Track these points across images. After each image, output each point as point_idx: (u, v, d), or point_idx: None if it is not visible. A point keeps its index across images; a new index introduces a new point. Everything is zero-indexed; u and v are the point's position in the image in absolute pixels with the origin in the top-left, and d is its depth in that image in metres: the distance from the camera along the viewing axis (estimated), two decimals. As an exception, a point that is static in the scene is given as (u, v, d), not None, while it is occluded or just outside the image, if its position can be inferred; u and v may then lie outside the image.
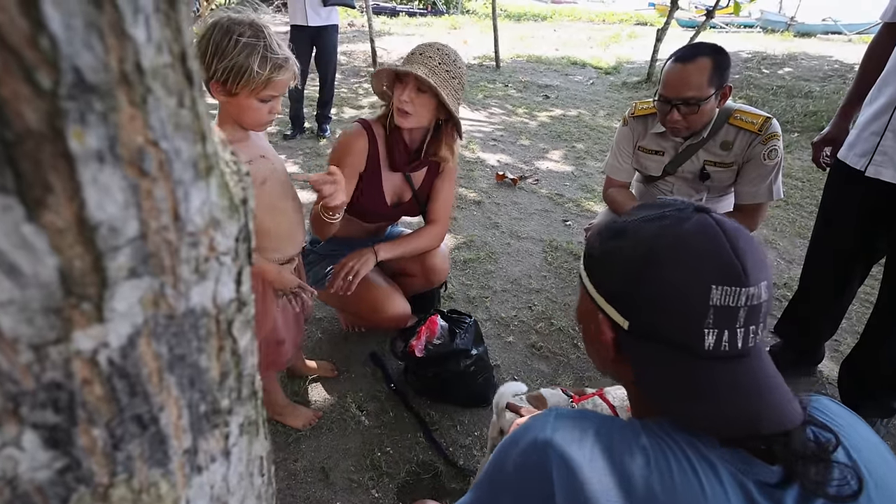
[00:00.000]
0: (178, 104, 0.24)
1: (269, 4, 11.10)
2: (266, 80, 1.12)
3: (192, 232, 0.26)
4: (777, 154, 1.79)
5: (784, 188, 3.66)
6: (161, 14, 0.23)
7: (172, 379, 0.28)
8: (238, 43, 1.08)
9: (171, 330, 0.27)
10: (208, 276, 0.28)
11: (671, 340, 0.58)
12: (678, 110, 1.73)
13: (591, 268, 0.67)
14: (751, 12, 14.08)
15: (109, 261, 0.23)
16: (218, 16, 1.13)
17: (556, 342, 2.11)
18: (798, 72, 7.43)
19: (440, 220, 1.84)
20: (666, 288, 0.58)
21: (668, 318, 0.58)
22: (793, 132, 5.00)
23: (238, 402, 0.35)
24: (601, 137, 4.81)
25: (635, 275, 0.60)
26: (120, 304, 0.24)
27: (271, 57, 1.11)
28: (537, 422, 0.63)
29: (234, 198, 0.31)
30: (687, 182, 2.02)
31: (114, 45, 0.20)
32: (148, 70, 0.22)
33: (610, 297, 0.63)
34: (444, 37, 11.12)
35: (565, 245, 2.86)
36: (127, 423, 0.27)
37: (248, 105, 1.15)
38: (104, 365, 0.25)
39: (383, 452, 1.60)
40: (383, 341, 2.03)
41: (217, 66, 1.09)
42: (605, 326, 0.64)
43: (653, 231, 0.60)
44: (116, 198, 0.22)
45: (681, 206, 0.62)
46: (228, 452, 0.35)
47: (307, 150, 4.25)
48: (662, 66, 1.82)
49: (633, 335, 0.61)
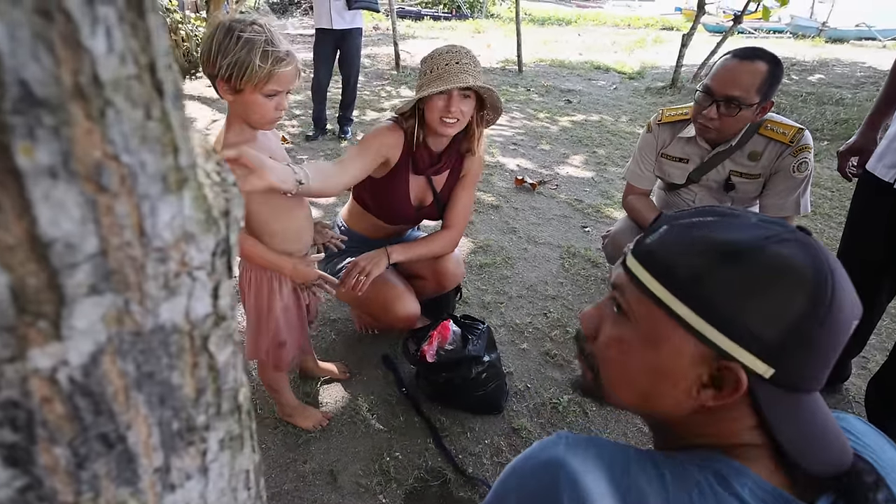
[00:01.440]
0: (144, 116, 0.23)
1: (297, 8, 11.28)
2: (268, 74, 1.14)
3: (160, 247, 0.25)
4: (807, 167, 1.74)
5: (812, 198, 3.58)
6: (126, 24, 0.22)
7: (140, 397, 0.27)
8: (239, 39, 1.11)
9: (137, 347, 0.26)
10: (179, 292, 0.27)
11: (802, 385, 0.51)
12: (717, 107, 1.69)
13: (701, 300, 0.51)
14: (780, 17, 13.78)
15: (66, 278, 0.22)
16: (218, 20, 1.17)
17: (570, 351, 2.08)
18: (829, 78, 7.24)
19: (456, 225, 1.83)
20: (834, 336, 0.49)
21: (818, 366, 0.50)
22: (822, 140, 4.87)
23: (217, 417, 0.34)
24: (623, 143, 4.75)
25: (800, 318, 0.48)
26: (80, 322, 0.23)
27: (272, 51, 1.13)
28: (547, 443, 0.56)
29: (213, 210, 0.30)
30: (711, 192, 1.98)
31: (66, 58, 0.19)
32: (108, 82, 0.21)
33: (749, 342, 0.49)
34: (468, 41, 11.13)
35: (583, 252, 2.82)
36: (91, 442, 0.26)
37: (254, 101, 1.17)
38: (64, 383, 0.24)
39: (392, 457, 1.59)
40: (396, 344, 2.02)
41: (221, 62, 1.12)
42: (738, 371, 0.50)
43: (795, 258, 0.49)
44: (72, 214, 0.21)
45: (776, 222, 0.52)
46: (206, 469, 0.34)
47: (328, 151, 4.28)
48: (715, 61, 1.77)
49: (772, 383, 0.50)
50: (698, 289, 0.50)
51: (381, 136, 1.65)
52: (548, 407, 1.80)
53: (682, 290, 0.51)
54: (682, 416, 0.57)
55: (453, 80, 1.52)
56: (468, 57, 1.57)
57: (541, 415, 1.77)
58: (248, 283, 1.40)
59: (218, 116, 5.06)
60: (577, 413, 1.78)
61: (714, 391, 0.52)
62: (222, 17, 1.14)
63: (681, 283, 0.51)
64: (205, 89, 6.06)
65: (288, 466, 1.55)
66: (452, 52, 1.57)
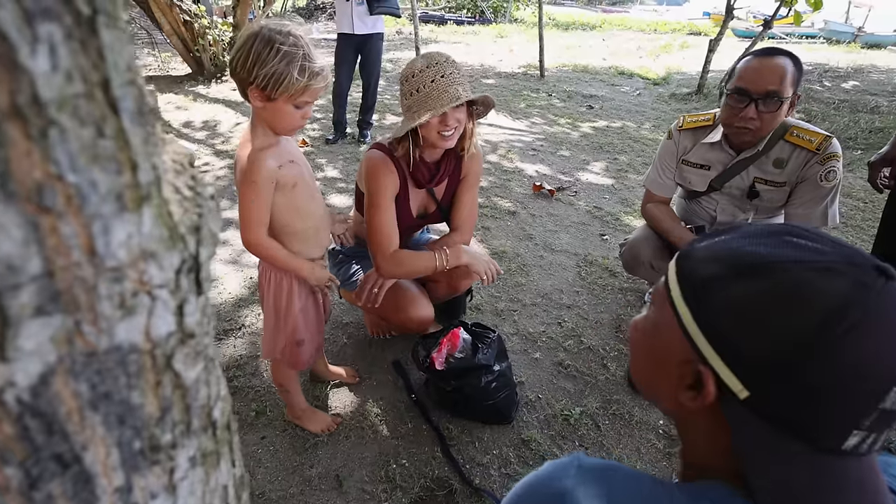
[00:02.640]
0: (96, 134, 0.23)
1: (323, 12, 11.44)
2: (304, 87, 1.18)
3: (115, 267, 0.25)
4: (835, 176, 1.68)
5: (843, 209, 3.47)
6: (75, 41, 0.22)
7: (97, 417, 0.27)
8: (279, 51, 1.14)
9: (92, 367, 0.26)
10: (137, 312, 0.27)
11: (800, 430, 0.46)
12: (756, 107, 1.65)
13: (700, 304, 0.51)
14: (813, 22, 13.46)
15: (10, 299, 0.22)
16: (256, 26, 1.18)
17: (584, 361, 2.05)
18: (864, 85, 7.04)
19: (462, 228, 1.83)
20: (834, 380, 0.44)
21: (814, 409, 0.45)
22: (856, 149, 4.73)
23: (186, 435, 0.34)
24: (645, 150, 4.68)
25: (793, 348, 0.45)
26: (27, 343, 0.23)
27: (309, 65, 1.17)
28: (558, 471, 0.54)
29: (179, 226, 0.30)
30: (733, 200, 1.93)
31: (1, 79, 0.19)
32: (50, 101, 0.21)
33: (731, 357, 0.48)
34: (490, 45, 11.13)
35: (601, 260, 2.78)
36: (45, 462, 0.26)
37: (285, 110, 1.21)
38: (12, 404, 0.24)
39: (399, 464, 1.58)
40: (407, 349, 2.01)
41: (258, 72, 1.15)
42: (708, 380, 0.49)
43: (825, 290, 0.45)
44: (13, 235, 0.21)
45: (854, 259, 0.46)
46: (175, 487, 0.34)
47: (347, 154, 4.31)
48: (734, 67, 1.74)
49: (747, 407, 0.47)
50: (701, 293, 0.51)
51: (385, 177, 1.63)
52: (559, 419, 1.77)
53: (689, 290, 0.52)
54: (681, 420, 0.58)
55: (445, 99, 1.48)
56: (450, 65, 1.52)
57: (551, 427, 1.75)
58: (268, 283, 1.43)
59: (241, 120, 5.14)
60: (588, 426, 1.75)
61: (694, 393, 0.52)
62: (258, 25, 1.15)
63: (691, 284, 0.52)
64: (230, 93, 6.17)
65: (295, 470, 1.56)
66: (434, 66, 1.51)
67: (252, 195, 1.25)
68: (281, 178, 1.28)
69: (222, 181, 3.71)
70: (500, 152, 4.46)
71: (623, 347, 2.12)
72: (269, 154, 1.25)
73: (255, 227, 1.29)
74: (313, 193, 1.41)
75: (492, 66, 8.69)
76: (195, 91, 6.24)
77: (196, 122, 5.08)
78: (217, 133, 4.77)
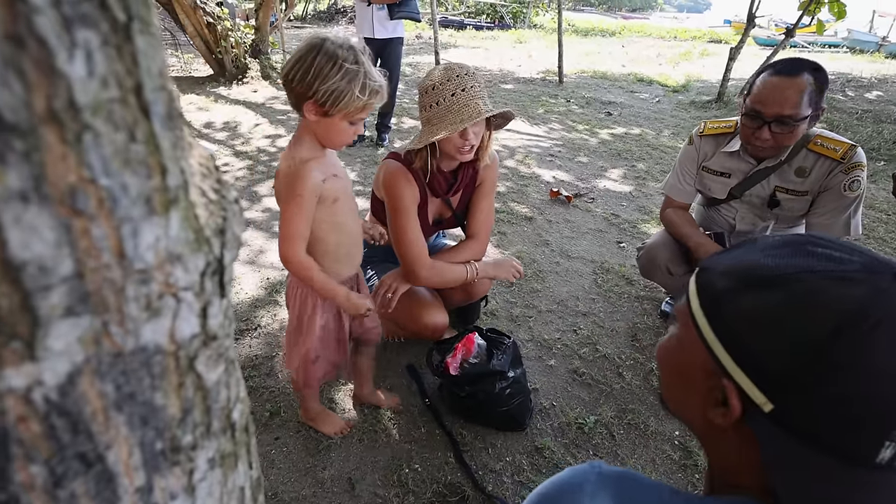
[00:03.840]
0: (128, 139, 0.23)
1: (343, 16, 11.53)
2: (363, 105, 1.16)
3: (142, 269, 0.25)
4: (859, 186, 1.65)
5: (866, 221, 3.40)
6: (110, 47, 0.22)
7: (121, 417, 0.27)
8: (342, 68, 1.11)
9: (117, 368, 0.26)
10: (163, 313, 0.27)
11: (827, 443, 0.44)
12: (769, 128, 1.62)
13: (717, 315, 0.50)
14: (836, 31, 13.24)
15: (40, 300, 0.22)
16: (317, 38, 1.14)
17: (599, 369, 2.03)
18: (888, 95, 6.91)
19: (479, 234, 1.82)
20: (856, 387, 0.43)
21: (839, 420, 0.44)
22: (879, 160, 4.64)
23: (206, 436, 0.34)
24: (664, 157, 4.63)
25: (811, 357, 0.44)
26: (56, 343, 0.23)
27: (370, 83, 1.15)
28: (577, 476, 0.54)
29: (205, 229, 0.30)
30: (753, 208, 1.90)
31: (39, 83, 0.19)
32: (86, 106, 0.21)
33: (752, 369, 0.47)
34: (510, 50, 11.14)
35: (617, 268, 2.76)
36: (69, 461, 0.26)
37: (339, 126, 1.20)
38: (40, 403, 0.24)
39: (411, 469, 1.58)
40: (421, 354, 2.01)
41: (318, 87, 1.12)
42: (731, 393, 0.49)
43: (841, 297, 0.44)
44: (45, 237, 0.21)
45: (873, 267, 0.46)
46: (194, 488, 0.34)
47: (365, 157, 4.34)
48: (753, 79, 1.71)
49: (772, 421, 0.46)
50: (718, 305, 0.51)
51: (406, 188, 1.63)
52: (573, 427, 1.76)
53: (707, 302, 0.52)
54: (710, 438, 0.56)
55: (466, 115, 1.47)
56: (471, 78, 1.51)
57: (565, 435, 1.73)
58: (295, 295, 1.41)
59: (261, 121, 5.21)
60: (603, 435, 1.73)
61: (723, 409, 0.51)
62: (319, 37, 1.14)
63: (708, 296, 0.52)
64: (250, 94, 6.26)
65: (307, 472, 1.56)
66: (454, 79, 1.49)
67: (295, 208, 1.22)
68: (324, 192, 1.25)
69: (241, 182, 3.76)
70: (517, 157, 4.45)
71: (639, 356, 2.10)
72: (314, 167, 1.22)
73: (297, 241, 1.25)
74: (353, 209, 1.38)
75: (511, 72, 8.69)
76: (216, 92, 6.33)
77: (217, 122, 5.15)
78: (237, 134, 4.83)
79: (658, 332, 2.27)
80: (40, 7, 0.18)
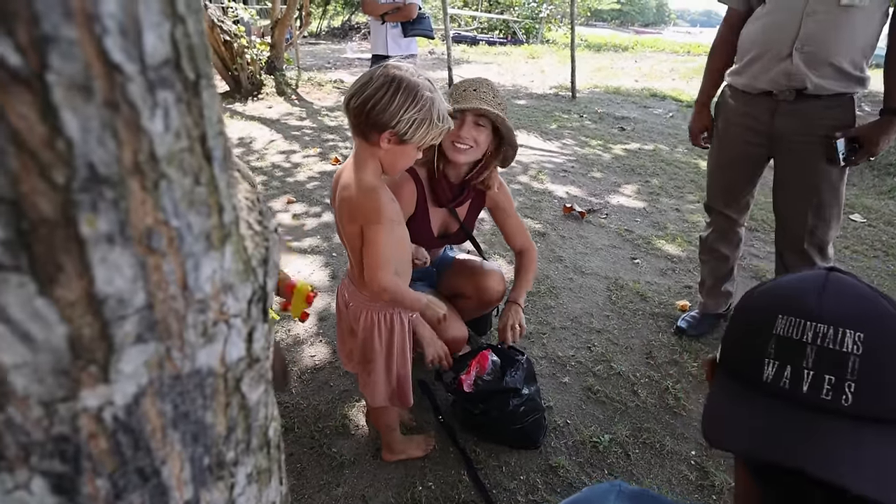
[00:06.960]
0: (193, 182, 0.26)
1: (357, 33, 11.60)
2: (440, 132, 1.22)
3: (201, 299, 0.28)
4: None
5: (884, 237, 3.36)
6: (183, 104, 0.25)
7: (176, 435, 0.30)
8: (423, 98, 1.16)
9: (175, 389, 0.28)
10: (216, 339, 0.30)
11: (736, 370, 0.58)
12: None
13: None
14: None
15: (116, 328, 0.24)
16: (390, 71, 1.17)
17: (613, 387, 2.02)
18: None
19: (526, 245, 1.90)
20: (737, 315, 0.60)
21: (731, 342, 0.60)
22: (896, 176, 4.59)
23: (246, 453, 0.36)
24: (678, 173, 4.63)
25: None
26: (126, 367, 0.26)
27: (444, 109, 1.21)
28: (598, 494, 0.56)
29: (252, 260, 0.32)
30: None
31: (128, 140, 0.22)
32: (163, 157, 0.24)
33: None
34: (522, 66, 11.23)
35: (632, 284, 2.75)
36: (130, 475, 0.28)
37: (409, 154, 1.24)
38: (109, 421, 0.26)
39: (425, 487, 1.59)
40: (434, 370, 2.02)
41: (401, 118, 1.15)
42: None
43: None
44: (125, 274, 0.24)
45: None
46: (233, 502, 0.36)
47: (379, 174, 4.38)
48: None
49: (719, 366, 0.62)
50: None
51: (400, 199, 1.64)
52: (588, 445, 1.75)
53: None
54: None
55: (464, 103, 1.55)
56: (487, 87, 1.59)
57: (580, 453, 1.73)
58: (378, 327, 1.42)
59: (276, 136, 5.30)
60: (618, 454, 1.73)
61: None
62: (391, 70, 1.16)
63: None
64: (265, 110, 6.37)
65: (321, 489, 1.57)
66: (473, 81, 1.60)
67: (383, 235, 1.24)
68: (394, 215, 1.29)
69: (258, 197, 3.81)
70: (530, 173, 4.48)
71: (654, 374, 2.09)
72: (386, 191, 1.26)
73: (390, 267, 1.28)
74: (406, 234, 1.42)
75: (524, 87, 8.76)
76: (232, 108, 6.46)
77: (232, 138, 5.25)
78: (252, 150, 4.92)
79: (673, 349, 2.26)
80: (132, 75, 0.21)
